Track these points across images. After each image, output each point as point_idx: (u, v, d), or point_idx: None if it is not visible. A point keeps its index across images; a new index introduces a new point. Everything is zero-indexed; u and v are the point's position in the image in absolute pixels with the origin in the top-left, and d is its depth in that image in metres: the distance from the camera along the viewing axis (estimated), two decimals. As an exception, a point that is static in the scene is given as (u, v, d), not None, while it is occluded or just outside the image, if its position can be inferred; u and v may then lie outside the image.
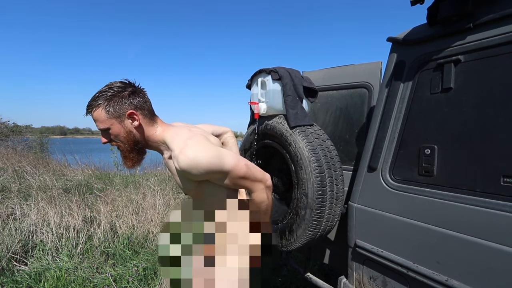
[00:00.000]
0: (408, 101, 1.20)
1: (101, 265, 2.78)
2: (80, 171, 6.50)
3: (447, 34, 1.07)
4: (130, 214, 3.69)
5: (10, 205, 3.64)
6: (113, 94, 1.00)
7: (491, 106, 0.94)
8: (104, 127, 1.02)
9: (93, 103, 1.00)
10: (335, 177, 1.40)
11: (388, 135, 1.25)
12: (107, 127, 1.02)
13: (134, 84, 1.08)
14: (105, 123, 1.01)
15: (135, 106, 1.03)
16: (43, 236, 3.10)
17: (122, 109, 1.01)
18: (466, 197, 0.97)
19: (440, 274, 1.01)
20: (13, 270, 2.55)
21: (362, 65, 1.73)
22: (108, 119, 1.00)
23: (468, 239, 0.95)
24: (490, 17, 0.95)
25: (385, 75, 1.31)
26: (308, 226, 1.38)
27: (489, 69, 0.96)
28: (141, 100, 1.05)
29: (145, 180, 5.47)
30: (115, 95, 1.00)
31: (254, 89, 1.63)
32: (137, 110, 1.03)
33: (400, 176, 1.20)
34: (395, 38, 1.28)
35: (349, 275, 1.39)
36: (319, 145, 1.40)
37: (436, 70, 1.11)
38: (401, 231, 1.15)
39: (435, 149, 1.08)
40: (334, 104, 1.83)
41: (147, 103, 1.08)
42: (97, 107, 1.00)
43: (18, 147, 11.46)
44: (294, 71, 1.52)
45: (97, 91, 1.02)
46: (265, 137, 1.63)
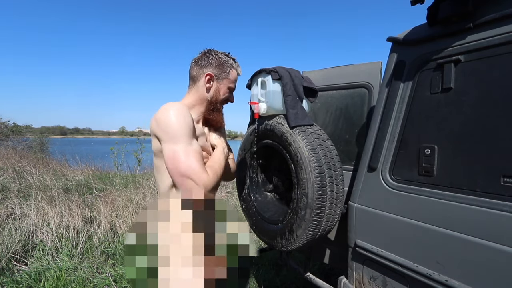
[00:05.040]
0: (408, 101, 1.20)
1: (101, 265, 2.78)
2: (80, 171, 6.50)
3: (447, 34, 1.08)
4: (130, 214, 3.69)
5: (10, 205, 3.65)
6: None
7: (491, 106, 0.95)
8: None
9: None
10: (335, 177, 1.40)
11: (388, 135, 1.25)
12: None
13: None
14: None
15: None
16: (43, 236, 3.10)
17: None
18: (466, 197, 0.97)
19: (440, 274, 1.01)
20: (13, 270, 2.55)
21: (362, 65, 1.73)
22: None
23: (468, 239, 0.95)
24: (490, 17, 0.95)
25: (385, 75, 1.32)
26: (308, 226, 1.38)
27: (489, 69, 0.96)
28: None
29: (145, 180, 5.47)
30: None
31: (254, 89, 1.63)
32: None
33: (400, 176, 1.20)
34: (395, 38, 1.28)
35: (349, 275, 1.39)
36: (319, 145, 1.40)
37: (436, 70, 1.11)
38: (401, 231, 1.15)
39: (435, 149, 1.08)
40: (334, 104, 1.83)
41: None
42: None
43: (18, 147, 11.46)
44: (294, 71, 1.52)
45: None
46: (265, 137, 1.63)
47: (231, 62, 1.24)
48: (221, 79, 1.22)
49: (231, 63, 1.24)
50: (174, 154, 0.99)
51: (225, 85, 1.23)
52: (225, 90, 1.24)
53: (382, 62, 1.62)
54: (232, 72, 1.24)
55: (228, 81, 1.23)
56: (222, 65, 1.21)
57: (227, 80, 1.23)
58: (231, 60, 1.25)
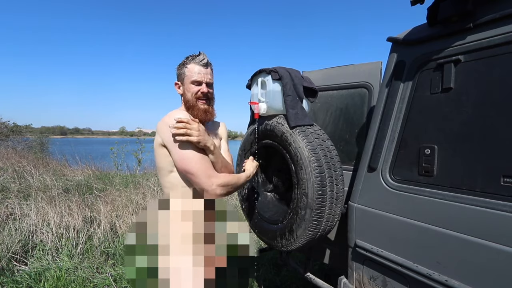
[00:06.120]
0: (408, 101, 1.20)
1: (101, 265, 2.78)
2: (80, 171, 6.51)
3: (447, 34, 1.08)
4: (130, 214, 3.69)
5: (10, 205, 3.64)
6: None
7: (491, 106, 0.94)
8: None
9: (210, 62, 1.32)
10: (335, 177, 1.40)
11: (388, 135, 1.25)
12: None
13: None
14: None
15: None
16: (43, 236, 3.10)
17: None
18: (466, 197, 0.97)
19: (440, 274, 1.01)
20: (13, 270, 2.55)
21: (362, 65, 1.72)
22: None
23: (468, 239, 0.95)
24: (490, 17, 0.95)
25: (385, 75, 1.31)
26: (308, 226, 1.38)
27: (489, 69, 0.96)
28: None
29: (145, 180, 5.47)
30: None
31: (254, 89, 1.63)
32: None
33: (400, 176, 1.20)
34: (395, 38, 1.28)
35: (349, 275, 1.39)
36: (319, 145, 1.40)
37: (436, 70, 1.11)
38: (401, 231, 1.15)
39: (435, 149, 1.08)
40: (334, 104, 1.83)
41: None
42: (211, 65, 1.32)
43: (18, 147, 11.47)
44: (294, 71, 1.52)
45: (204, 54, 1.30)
46: (265, 137, 1.63)
47: (187, 60, 1.29)
48: (182, 79, 1.30)
49: (187, 61, 1.29)
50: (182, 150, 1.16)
51: (187, 83, 1.28)
52: (189, 87, 1.28)
53: (382, 62, 1.62)
54: (188, 68, 1.28)
55: (187, 77, 1.28)
56: (179, 68, 1.31)
57: (186, 77, 1.28)
58: (188, 58, 1.30)
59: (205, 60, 1.28)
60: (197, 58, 1.28)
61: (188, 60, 1.28)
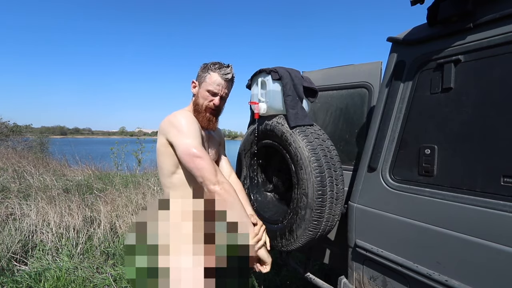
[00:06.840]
0: (408, 101, 1.20)
1: (101, 265, 2.78)
2: (80, 171, 6.50)
3: (447, 34, 1.07)
4: (130, 214, 3.69)
5: (10, 205, 3.64)
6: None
7: (491, 106, 0.94)
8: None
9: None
10: (335, 177, 1.40)
11: (388, 135, 1.25)
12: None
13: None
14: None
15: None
16: (43, 236, 3.10)
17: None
18: (466, 197, 0.97)
19: (440, 274, 1.01)
20: (13, 270, 2.55)
21: (362, 65, 1.72)
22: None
23: (468, 239, 0.95)
24: (490, 17, 0.95)
25: (385, 75, 1.31)
26: (308, 226, 1.38)
27: (489, 69, 0.96)
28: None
29: (145, 180, 5.47)
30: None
31: (254, 89, 1.63)
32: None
33: (400, 176, 1.20)
34: (395, 38, 1.28)
35: (349, 275, 1.39)
36: (319, 145, 1.40)
37: (436, 70, 1.11)
38: (401, 231, 1.15)
39: (435, 149, 1.08)
40: (334, 104, 1.83)
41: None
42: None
43: (18, 147, 11.46)
44: (294, 71, 1.52)
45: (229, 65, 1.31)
46: (265, 137, 1.63)
47: (214, 66, 1.27)
48: (200, 83, 1.29)
49: (213, 67, 1.27)
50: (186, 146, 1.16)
51: (203, 88, 1.28)
52: (203, 93, 1.28)
53: (382, 62, 1.62)
54: (210, 75, 1.26)
55: (206, 84, 1.27)
56: (202, 70, 1.30)
57: (205, 83, 1.27)
58: (215, 65, 1.28)
59: (229, 76, 1.28)
60: (223, 70, 1.27)
61: (214, 68, 1.27)
